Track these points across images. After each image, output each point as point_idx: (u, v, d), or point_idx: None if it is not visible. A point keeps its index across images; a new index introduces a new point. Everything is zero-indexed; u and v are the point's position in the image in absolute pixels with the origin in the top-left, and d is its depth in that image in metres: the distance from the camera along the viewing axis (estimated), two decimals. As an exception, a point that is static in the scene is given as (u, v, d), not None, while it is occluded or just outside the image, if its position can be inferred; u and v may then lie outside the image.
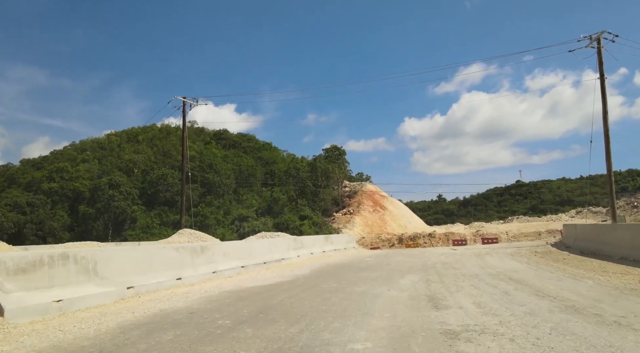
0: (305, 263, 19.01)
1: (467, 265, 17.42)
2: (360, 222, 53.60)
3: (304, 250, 20.95)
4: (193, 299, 9.85)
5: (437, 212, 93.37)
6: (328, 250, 23.75)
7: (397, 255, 24.41)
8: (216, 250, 13.93)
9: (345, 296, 9.64)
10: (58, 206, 62.03)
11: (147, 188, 63.89)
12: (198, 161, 65.79)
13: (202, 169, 63.83)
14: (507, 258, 20.45)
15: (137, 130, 72.02)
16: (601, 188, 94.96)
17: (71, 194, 62.98)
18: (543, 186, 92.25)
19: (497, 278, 12.76)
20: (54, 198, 62.67)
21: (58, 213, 60.28)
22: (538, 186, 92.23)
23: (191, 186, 62.74)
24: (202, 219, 56.34)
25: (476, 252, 24.65)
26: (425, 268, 16.47)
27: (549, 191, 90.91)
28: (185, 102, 33.56)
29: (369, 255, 24.78)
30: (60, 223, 59.71)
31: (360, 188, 62.06)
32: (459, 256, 22.30)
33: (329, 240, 24.95)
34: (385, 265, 18.05)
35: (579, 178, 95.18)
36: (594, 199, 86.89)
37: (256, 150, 71.75)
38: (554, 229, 42.38)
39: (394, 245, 41.87)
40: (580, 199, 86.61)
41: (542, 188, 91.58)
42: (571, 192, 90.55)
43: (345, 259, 21.29)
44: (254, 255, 16.44)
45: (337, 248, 25.15)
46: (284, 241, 19.28)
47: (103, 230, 59.57)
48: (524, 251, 24.29)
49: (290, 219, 53.01)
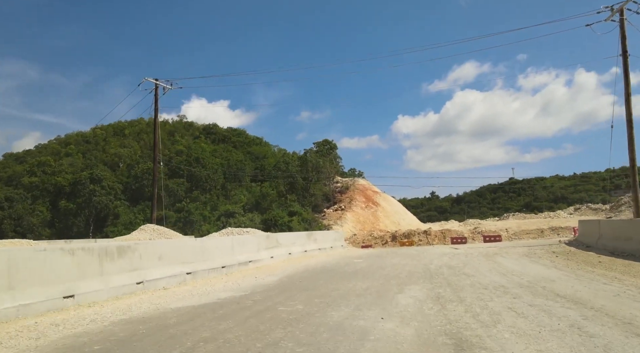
0: (278, 266, 14.83)
1: (481, 269, 13.30)
2: (352, 218, 49.46)
3: (280, 250, 16.78)
4: (28, 346, 5.65)
5: (430, 209, 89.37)
6: (311, 250, 19.57)
7: (391, 255, 20.27)
8: (145, 251, 9.70)
9: (306, 337, 5.47)
10: (39, 201, 57.56)
11: (132, 183, 59.49)
12: (185, 155, 61.50)
13: (189, 164, 59.52)
14: (523, 259, 16.38)
15: (124, 124, 67.59)
16: (595, 185, 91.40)
17: (52, 189, 58.52)
18: (537, 183, 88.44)
19: (536, 293, 8.63)
20: (34, 192, 58.22)
21: (37, 209, 55.81)
22: (532, 184, 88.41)
23: (177, 180, 58.62)
24: (187, 215, 52.03)
25: (482, 252, 20.56)
26: (429, 274, 12.32)
27: (542, 188, 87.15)
28: (157, 85, 29.28)
29: (359, 255, 20.61)
30: (39, 218, 55.24)
31: (353, 183, 57.87)
32: (464, 257, 18.20)
33: (313, 238, 20.76)
34: (378, 269, 13.88)
35: (572, 176, 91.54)
36: (588, 196, 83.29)
37: (246, 145, 67.49)
38: (557, 226, 38.50)
39: (387, 242, 37.78)
40: (574, 196, 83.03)
41: (536, 185, 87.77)
42: (565, 189, 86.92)
43: (329, 261, 17.11)
44: (208, 257, 12.24)
45: (323, 247, 20.96)
46: (253, 239, 15.07)
47: (84, 226, 55.19)
48: (537, 250, 20.25)
49: (279, 216, 48.80)
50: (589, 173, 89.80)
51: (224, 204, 55.46)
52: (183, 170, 59.27)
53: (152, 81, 29.02)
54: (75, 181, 55.18)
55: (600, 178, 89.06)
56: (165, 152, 65.51)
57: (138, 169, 58.73)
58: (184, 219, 52.14)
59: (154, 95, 29.23)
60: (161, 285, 9.98)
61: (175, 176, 59.46)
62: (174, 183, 56.99)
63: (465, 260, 16.81)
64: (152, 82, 29.02)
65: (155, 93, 29.21)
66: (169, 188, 57.24)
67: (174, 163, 60.74)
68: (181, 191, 56.88)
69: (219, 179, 58.17)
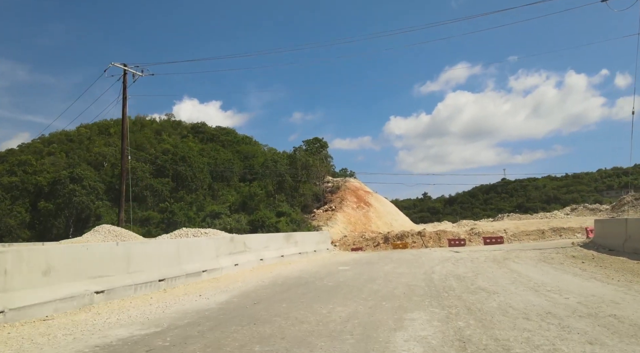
0: (240, 277, 11.33)
1: (500, 281, 9.88)
2: (343, 219, 46.00)
3: (248, 256, 13.30)
4: None
5: (423, 210, 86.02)
6: (290, 254, 16.04)
7: (384, 260, 16.82)
8: (17, 262, 6.19)
9: None
10: (18, 202, 53.63)
11: (115, 183, 55.59)
12: (171, 154, 57.80)
13: (174, 162, 55.82)
14: (543, 266, 13.02)
15: (109, 122, 63.72)
16: (587, 186, 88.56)
17: (33, 189, 54.62)
18: (529, 184, 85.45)
19: (616, 330, 5.22)
20: (14, 193, 54.27)
21: (16, 210, 51.90)
22: (524, 184, 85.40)
23: (161, 180, 54.91)
24: (170, 215, 48.34)
25: (489, 256, 17.18)
26: (434, 290, 8.88)
27: (535, 189, 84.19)
28: (126, 71, 25.71)
29: (346, 260, 17.12)
30: (18, 220, 51.34)
31: (344, 183, 54.42)
32: (470, 262, 14.79)
33: (292, 240, 17.18)
34: (367, 282, 10.43)
35: (564, 176, 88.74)
36: (580, 197, 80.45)
37: (235, 144, 63.80)
38: (558, 227, 35.27)
39: (379, 244, 34.37)
40: (567, 197, 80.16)
41: (528, 186, 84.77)
42: (557, 190, 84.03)
43: (309, 269, 13.61)
44: (137, 268, 8.74)
45: (304, 250, 17.41)
46: (210, 243, 11.48)
47: (65, 227, 51.33)
48: (552, 254, 16.92)
49: (266, 216, 45.28)
50: (581, 174, 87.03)
51: (210, 205, 51.85)
52: (168, 169, 55.62)
53: (119, 66, 25.46)
54: (54, 181, 51.36)
55: (592, 178, 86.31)
56: (152, 151, 61.83)
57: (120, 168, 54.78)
58: (168, 220, 48.47)
59: (122, 82, 25.65)
60: (44, 312, 6.47)
61: (160, 175, 55.76)
62: (159, 183, 53.29)
63: (473, 266, 13.40)
64: (119, 67, 25.46)
65: (123, 80, 25.64)
66: (153, 188, 53.58)
67: (160, 162, 57.07)
68: (166, 191, 53.19)
69: (205, 179, 54.56)
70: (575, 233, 33.81)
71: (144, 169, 54.93)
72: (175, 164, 55.19)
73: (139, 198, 54.22)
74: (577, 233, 33.81)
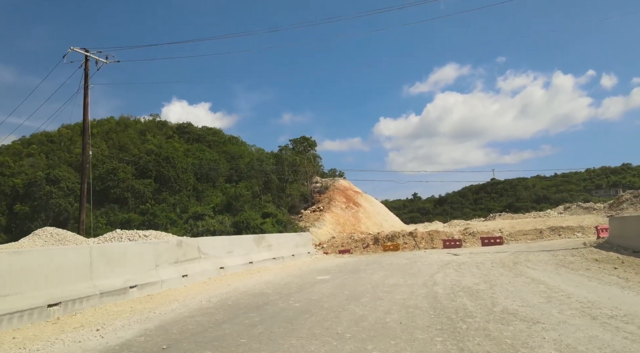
0: (181, 295, 8.30)
1: (530, 299, 6.98)
2: (331, 220, 43.09)
3: (203, 264, 10.30)
4: None
5: (413, 210, 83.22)
6: (260, 260, 12.98)
7: (373, 266, 13.88)
8: None
9: None
10: (-6, 204, 50.11)
11: (95, 184, 52.16)
12: (154, 154, 54.52)
13: (157, 163, 52.56)
14: (570, 274, 10.18)
15: (93, 123, 60.16)
16: (576, 185, 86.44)
17: (10, 191, 51.04)
18: (518, 183, 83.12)
19: None
20: (-11, 195, 50.74)
21: (-9, 213, 48.41)
22: (514, 184, 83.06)
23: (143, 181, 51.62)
24: (152, 217, 45.08)
25: (494, 260, 14.33)
26: (444, 316, 5.94)
27: (524, 188, 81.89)
28: (88, 57, 22.58)
29: (328, 266, 14.14)
30: (-7, 223, 47.86)
31: (332, 183, 51.52)
32: (475, 269, 11.91)
33: (265, 244, 13.96)
34: (349, 300, 7.47)
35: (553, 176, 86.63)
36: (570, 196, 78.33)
37: (221, 144, 60.60)
38: (556, 226, 32.76)
39: (368, 245, 31.50)
40: (557, 196, 77.98)
41: (518, 185, 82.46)
42: (547, 189, 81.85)
43: (278, 280, 10.62)
44: (20, 288, 5.74)
45: (280, 255, 14.32)
46: (146, 249, 8.37)
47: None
48: (568, 257, 14.13)
49: (251, 217, 42.26)
50: (570, 173, 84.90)
51: (195, 206, 48.68)
52: (151, 170, 52.35)
53: (80, 51, 22.32)
54: (30, 183, 47.84)
55: (581, 178, 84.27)
56: (135, 151, 58.43)
57: (102, 169, 51.57)
58: (149, 222, 45.19)
59: (84, 69, 22.50)
60: None
61: (143, 176, 52.46)
62: (141, 184, 49.99)
63: (481, 274, 10.51)
64: (80, 53, 22.32)
65: (85, 67, 22.49)
66: (135, 189, 50.27)
67: (142, 163, 53.76)
68: (148, 192, 49.88)
69: (189, 180, 51.34)
70: (575, 232, 31.19)
71: (126, 170, 51.63)
72: (159, 165, 51.94)
73: (121, 199, 50.91)
74: (576, 232, 31.20)
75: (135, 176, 51.82)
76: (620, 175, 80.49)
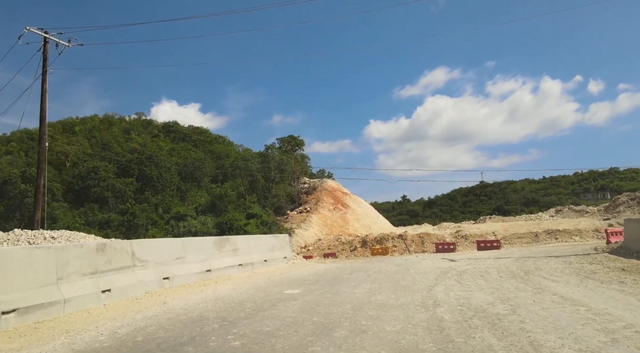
0: (78, 325, 5.81)
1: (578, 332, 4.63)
2: (318, 221, 40.65)
3: (139, 274, 7.78)
4: None
5: (402, 213, 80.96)
6: (222, 268, 10.42)
7: (358, 274, 11.46)
8: None
9: None
10: (-32, 203, 46.92)
11: (75, 183, 49.24)
12: (137, 153, 51.73)
13: (140, 162, 49.75)
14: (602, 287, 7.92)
15: (75, 121, 57.35)
16: (564, 188, 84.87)
17: (-15, 190, 47.91)
18: (507, 186, 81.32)
19: None
20: (-37, 194, 47.53)
21: (-36, 212, 45.19)
22: (503, 187, 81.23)
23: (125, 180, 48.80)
24: (131, 218, 42.22)
25: (500, 267, 12.00)
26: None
27: (513, 191, 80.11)
28: (47, 39, 19.95)
29: (304, 275, 11.69)
30: (-35, 223, 44.67)
31: (320, 184, 49.06)
32: (480, 279, 9.55)
33: (228, 247, 11.31)
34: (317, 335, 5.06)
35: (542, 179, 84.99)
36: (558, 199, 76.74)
37: (207, 144, 57.89)
38: (552, 229, 30.83)
39: (356, 248, 29.12)
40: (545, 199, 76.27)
41: (507, 188, 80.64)
42: (535, 193, 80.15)
43: (233, 296, 8.14)
44: None
45: (248, 261, 11.76)
46: (41, 256, 5.70)
47: (16, 231, 44.75)
48: (586, 265, 11.87)
49: (235, 218, 39.69)
50: (558, 177, 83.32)
51: (179, 207, 45.93)
52: (134, 169, 49.53)
53: (37, 32, 19.70)
54: (4, 181, 44.70)
55: (569, 181, 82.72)
56: (118, 150, 55.55)
57: (82, 167, 48.67)
58: (128, 223, 42.38)
59: (43, 53, 19.86)
60: None
61: (125, 175, 49.58)
62: (122, 183, 47.14)
63: (491, 288, 8.14)
64: (37, 34, 19.70)
65: (44, 51, 19.86)
66: (115, 188, 47.36)
67: (124, 161, 50.91)
68: (129, 192, 47.03)
69: (172, 179, 48.57)
70: (572, 236, 29.12)
71: (108, 168, 48.73)
72: (142, 163, 49.14)
73: (101, 199, 47.99)
74: (574, 236, 29.13)
75: (117, 175, 49.00)
76: (608, 179, 79.08)
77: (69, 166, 53.96)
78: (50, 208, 45.65)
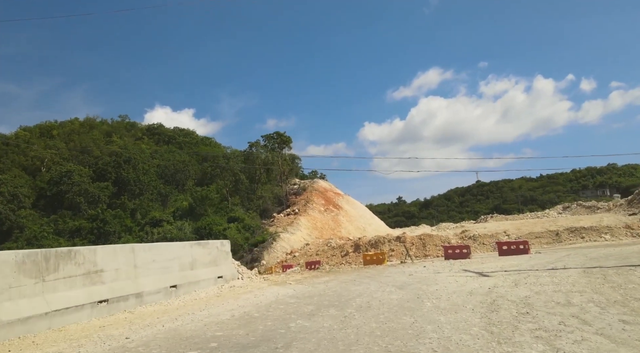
0: None
1: None
2: (307, 224, 35.08)
3: None
4: None
5: (398, 214, 75.43)
6: (44, 313, 4.86)
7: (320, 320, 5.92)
8: None
9: None
10: None
11: (47, 189, 43.55)
12: (115, 156, 46.12)
13: (117, 165, 44.16)
14: None
15: (53, 124, 51.91)
16: (563, 186, 79.53)
17: (-49, 198, 42.25)
18: (504, 185, 75.94)
19: None
20: None
21: None
22: (499, 186, 75.87)
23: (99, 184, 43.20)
24: (102, 225, 36.57)
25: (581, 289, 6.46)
26: None
27: (510, 190, 74.72)
28: None
29: (195, 333, 6.15)
30: None
31: (311, 184, 43.52)
32: (579, 324, 4.02)
33: (71, 268, 5.52)
34: None
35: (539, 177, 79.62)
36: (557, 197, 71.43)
37: (193, 145, 52.51)
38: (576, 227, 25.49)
39: (347, 253, 23.61)
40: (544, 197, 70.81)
41: (504, 187, 75.25)
42: (533, 191, 74.75)
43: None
44: None
45: (125, 293, 5.92)
46: None
47: (-19, 241, 39.11)
48: None
49: (215, 222, 34.16)
50: (555, 174, 78.02)
51: (158, 211, 40.31)
52: (110, 172, 43.92)
53: None
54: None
55: (567, 178, 77.23)
56: (97, 153, 50.00)
57: (55, 172, 43.06)
58: (99, 230, 36.70)
59: None
60: None
61: (102, 179, 43.92)
62: (96, 187, 41.49)
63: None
64: None
65: None
66: (88, 193, 41.62)
67: (100, 164, 45.26)
68: (104, 197, 41.36)
69: (151, 182, 42.93)
70: (602, 234, 23.65)
71: (82, 172, 43.12)
72: (119, 167, 43.62)
73: (74, 205, 42.29)
74: (603, 234, 23.67)
75: (93, 180, 43.48)
76: (606, 175, 73.87)
77: (43, 172, 48.38)
78: (16, 216, 40.01)
